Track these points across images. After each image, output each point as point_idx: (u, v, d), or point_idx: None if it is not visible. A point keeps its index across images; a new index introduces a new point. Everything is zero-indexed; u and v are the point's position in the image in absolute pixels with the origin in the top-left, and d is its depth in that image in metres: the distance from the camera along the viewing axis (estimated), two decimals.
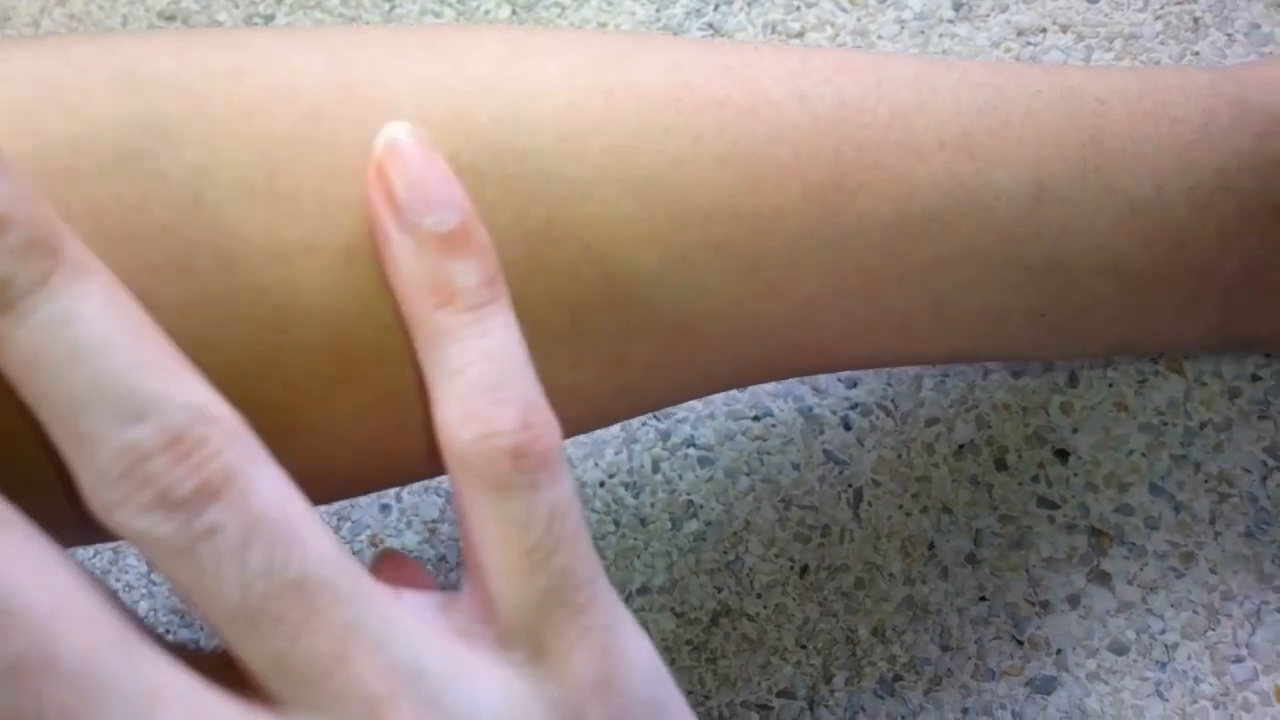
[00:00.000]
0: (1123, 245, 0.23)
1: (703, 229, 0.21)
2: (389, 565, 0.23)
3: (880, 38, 0.34)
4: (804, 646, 0.30)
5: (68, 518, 0.18)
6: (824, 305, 0.22)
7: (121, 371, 0.16)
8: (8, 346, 0.16)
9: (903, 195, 0.22)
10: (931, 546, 0.30)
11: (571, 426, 0.23)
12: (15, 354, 0.16)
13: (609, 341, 0.21)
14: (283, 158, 0.19)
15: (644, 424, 0.32)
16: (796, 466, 0.31)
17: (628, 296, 0.21)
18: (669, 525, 0.31)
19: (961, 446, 0.30)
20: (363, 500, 0.32)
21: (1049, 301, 0.23)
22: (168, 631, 0.31)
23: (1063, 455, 0.30)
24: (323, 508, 0.30)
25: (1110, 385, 0.30)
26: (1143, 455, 0.30)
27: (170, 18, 0.38)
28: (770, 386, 0.31)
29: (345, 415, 0.20)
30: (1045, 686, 0.28)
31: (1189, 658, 0.28)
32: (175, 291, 0.18)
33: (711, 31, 0.35)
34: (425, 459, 0.22)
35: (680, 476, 0.31)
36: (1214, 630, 0.28)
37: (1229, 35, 0.33)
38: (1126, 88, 0.23)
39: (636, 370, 0.22)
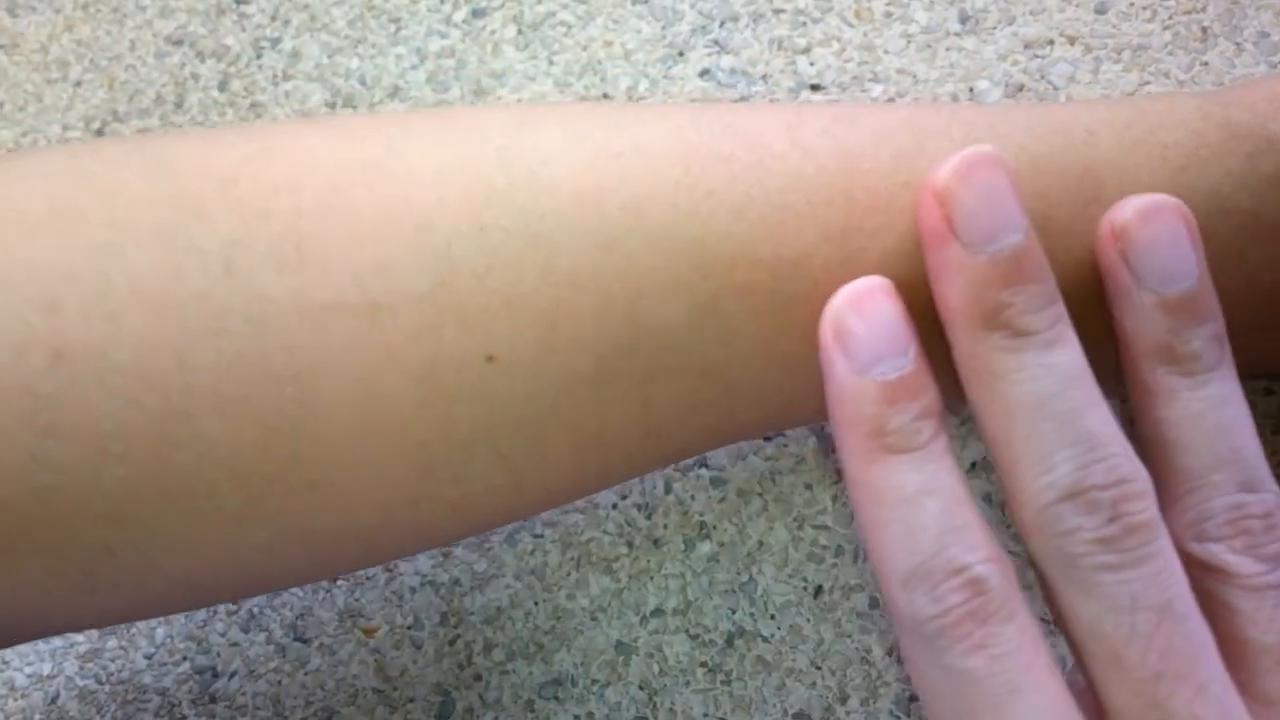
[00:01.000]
0: None
1: (727, 275, 0.21)
2: None
3: (887, 52, 0.34)
4: (819, 668, 0.30)
5: None
6: None
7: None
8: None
9: (919, 234, 0.22)
10: None
11: (600, 478, 0.23)
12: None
13: (636, 385, 0.21)
14: (310, 227, 0.20)
15: None
16: (809, 486, 0.31)
17: (655, 341, 0.21)
18: (682, 547, 0.31)
19: (974, 464, 0.30)
20: None
21: None
22: (184, 658, 0.32)
23: None
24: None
25: (1121, 400, 0.30)
26: None
27: (178, 42, 0.39)
28: None
29: (372, 468, 0.21)
30: None
31: None
32: (209, 352, 0.20)
33: (718, 49, 0.35)
34: (453, 512, 0.22)
35: (693, 497, 0.31)
36: None
37: (1238, 45, 0.32)
38: (1115, 118, 0.24)
39: (664, 412, 0.22)
